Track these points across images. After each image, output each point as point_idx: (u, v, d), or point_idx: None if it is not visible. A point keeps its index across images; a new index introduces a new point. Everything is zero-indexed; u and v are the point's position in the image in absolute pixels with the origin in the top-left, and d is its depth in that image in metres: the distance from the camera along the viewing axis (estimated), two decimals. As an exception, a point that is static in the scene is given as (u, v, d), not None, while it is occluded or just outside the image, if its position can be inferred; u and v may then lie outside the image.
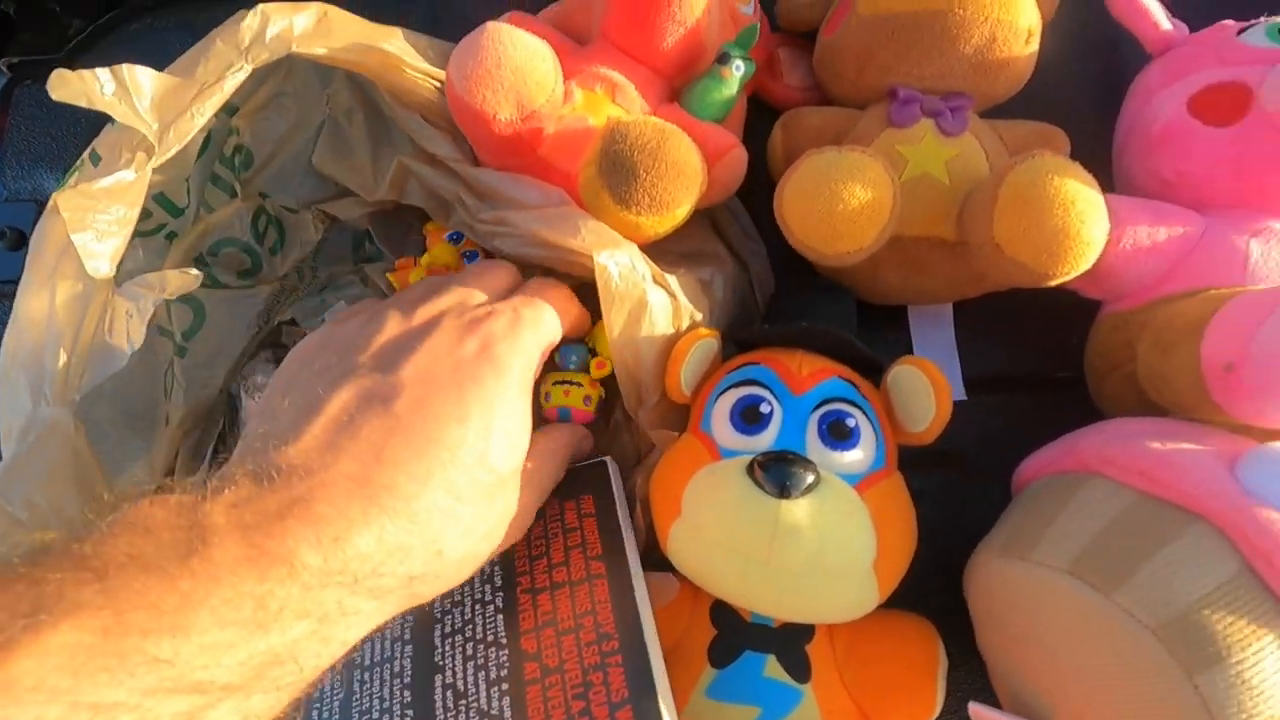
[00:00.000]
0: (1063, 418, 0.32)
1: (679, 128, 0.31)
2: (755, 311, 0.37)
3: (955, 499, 0.37)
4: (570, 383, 0.35)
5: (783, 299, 0.36)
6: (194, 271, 0.30)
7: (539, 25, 0.36)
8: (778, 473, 0.26)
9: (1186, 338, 0.27)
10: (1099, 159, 0.37)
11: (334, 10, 0.32)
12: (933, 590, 0.31)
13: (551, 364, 0.36)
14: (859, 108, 0.36)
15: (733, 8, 0.36)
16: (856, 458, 0.28)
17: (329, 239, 0.40)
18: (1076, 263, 0.29)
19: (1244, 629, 0.22)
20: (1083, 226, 0.28)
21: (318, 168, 0.38)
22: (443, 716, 0.26)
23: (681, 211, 0.30)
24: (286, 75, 0.36)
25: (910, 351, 0.38)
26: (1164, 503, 0.25)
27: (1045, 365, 0.38)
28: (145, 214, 0.33)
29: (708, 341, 0.31)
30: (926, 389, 0.30)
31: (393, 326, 0.26)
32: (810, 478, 0.26)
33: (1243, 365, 0.25)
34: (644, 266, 0.30)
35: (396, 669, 0.28)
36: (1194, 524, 0.24)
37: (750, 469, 0.26)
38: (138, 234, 0.34)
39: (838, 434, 0.28)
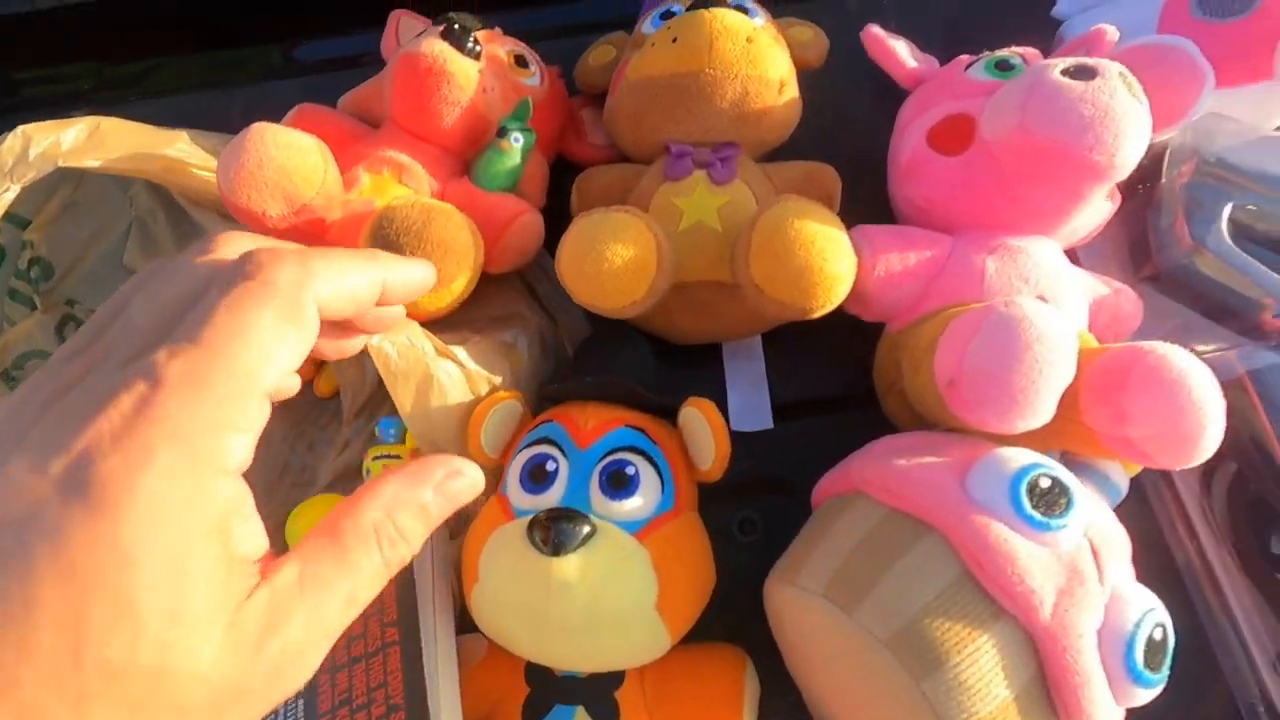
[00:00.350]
0: (876, 436, 0.34)
1: (453, 205, 0.33)
2: (569, 364, 0.38)
3: (785, 524, 0.38)
4: (390, 456, 0.35)
5: (591, 349, 0.37)
6: None
7: (329, 115, 0.38)
8: (551, 531, 0.27)
9: (927, 355, 0.29)
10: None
11: (109, 122, 0.33)
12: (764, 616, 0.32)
13: (373, 437, 0.37)
14: (647, 163, 0.38)
15: (514, 81, 0.38)
16: (637, 505, 0.29)
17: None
18: (828, 295, 0.31)
19: (960, 632, 0.23)
20: (825, 263, 0.30)
21: (129, 267, 0.39)
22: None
23: (457, 286, 0.32)
24: (78, 185, 0.36)
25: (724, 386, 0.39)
26: (906, 516, 0.26)
27: (858, 386, 0.40)
28: (-63, 337, 0.34)
29: (508, 404, 0.32)
30: (706, 428, 0.31)
31: None
32: (584, 531, 0.27)
33: (959, 380, 0.27)
34: (425, 343, 0.31)
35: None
36: (926, 535, 0.25)
37: (530, 529, 0.27)
38: (-67, 357, 0.34)
39: (617, 484, 0.29)
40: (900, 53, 0.38)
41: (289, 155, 0.31)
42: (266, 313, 0.17)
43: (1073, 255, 0.39)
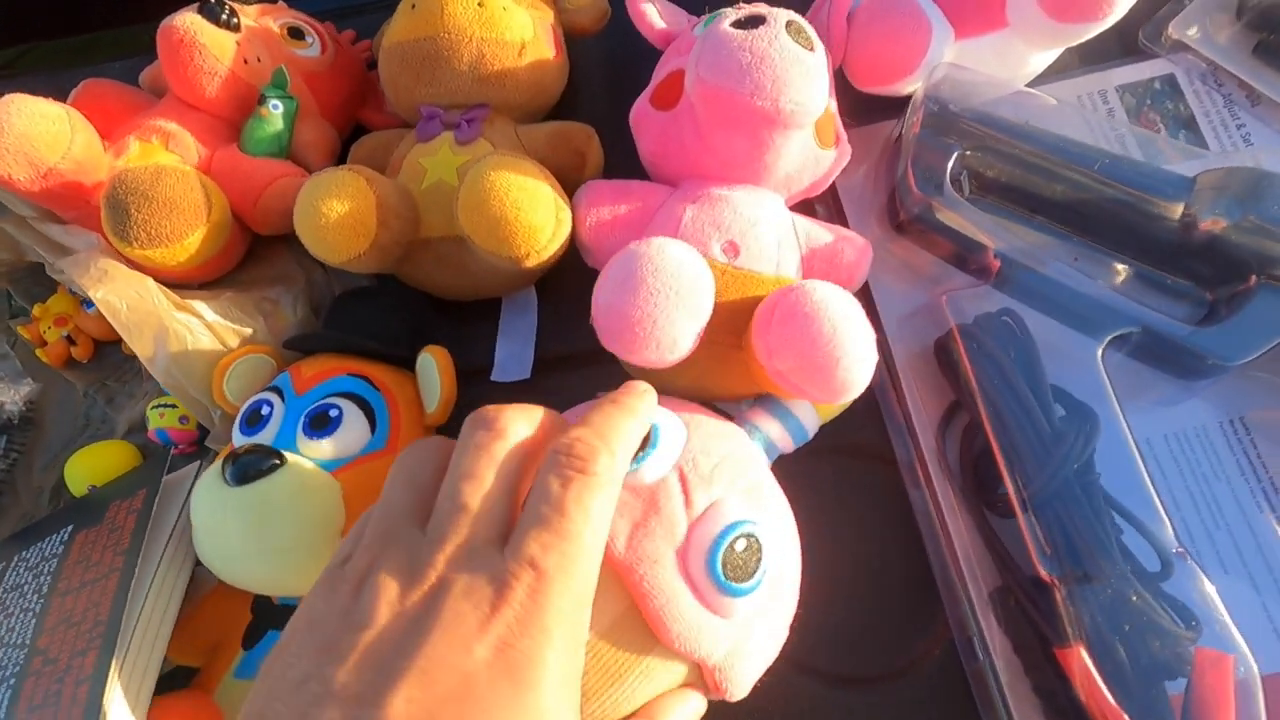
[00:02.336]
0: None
1: (218, 169, 0.35)
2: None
3: None
4: (167, 405, 0.38)
5: (342, 304, 0.38)
6: None
7: (115, 89, 0.40)
8: (234, 464, 0.29)
9: (603, 301, 0.30)
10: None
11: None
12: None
13: (156, 389, 0.40)
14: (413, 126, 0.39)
15: (285, 52, 0.39)
16: (336, 444, 0.31)
17: (-22, 302, 0.44)
18: (528, 244, 0.32)
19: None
20: (519, 213, 0.31)
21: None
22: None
23: (190, 242, 0.34)
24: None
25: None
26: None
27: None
28: None
29: (254, 358, 0.35)
30: (434, 373, 0.33)
31: (383, 613, 0.19)
32: (267, 464, 0.29)
33: (597, 318, 0.28)
34: (159, 297, 0.33)
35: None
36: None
37: (222, 464, 0.30)
38: None
39: (318, 425, 0.31)
40: (650, 14, 0.38)
41: (31, 123, 0.33)
42: (601, 501, 0.21)
43: (838, 204, 0.40)
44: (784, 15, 0.30)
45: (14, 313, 0.44)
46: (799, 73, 0.29)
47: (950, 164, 0.35)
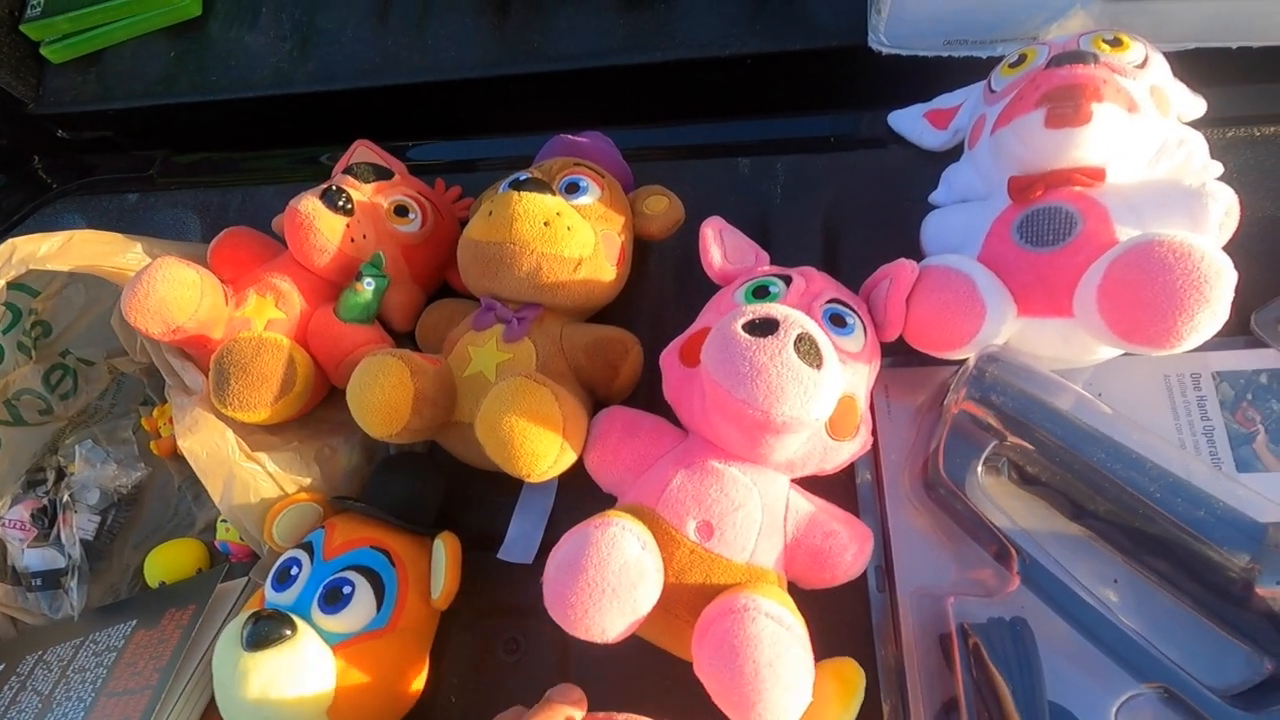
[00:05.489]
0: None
1: (313, 328, 0.41)
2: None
3: (541, 647, 0.41)
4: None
5: (386, 465, 0.42)
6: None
7: (249, 237, 0.47)
8: (253, 626, 0.33)
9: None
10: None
11: (82, 234, 0.44)
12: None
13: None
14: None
15: (389, 229, 0.44)
16: (343, 621, 0.34)
17: (125, 385, 0.52)
18: (529, 467, 0.34)
19: None
20: (525, 442, 0.33)
21: (114, 327, 0.50)
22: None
23: (272, 409, 0.38)
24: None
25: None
26: None
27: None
28: (-38, 372, 0.46)
29: (303, 505, 0.39)
30: (441, 563, 0.36)
31: None
32: (281, 634, 0.33)
33: (544, 584, 0.29)
34: (235, 449, 0.38)
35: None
36: None
37: (244, 622, 0.34)
38: (-41, 385, 0.46)
39: (331, 600, 0.35)
40: (712, 250, 0.39)
41: (170, 289, 0.39)
42: None
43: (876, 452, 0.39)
44: (798, 327, 0.29)
45: (145, 400, 0.52)
46: (796, 390, 0.28)
47: (985, 453, 0.34)
